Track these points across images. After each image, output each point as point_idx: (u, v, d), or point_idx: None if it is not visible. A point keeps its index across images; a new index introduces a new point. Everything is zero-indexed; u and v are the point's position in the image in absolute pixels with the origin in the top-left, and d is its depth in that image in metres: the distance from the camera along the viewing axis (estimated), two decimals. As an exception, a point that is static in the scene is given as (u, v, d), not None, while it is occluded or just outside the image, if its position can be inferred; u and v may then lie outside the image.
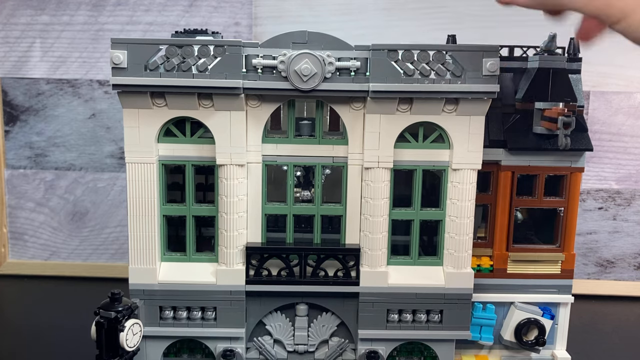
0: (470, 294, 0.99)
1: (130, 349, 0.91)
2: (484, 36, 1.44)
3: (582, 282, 1.53)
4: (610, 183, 1.52)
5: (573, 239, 1.06)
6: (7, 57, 1.49)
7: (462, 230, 0.98)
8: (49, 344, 1.21)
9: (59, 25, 1.47)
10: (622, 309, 1.49)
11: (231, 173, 0.95)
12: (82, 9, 1.46)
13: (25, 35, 1.47)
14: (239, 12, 1.47)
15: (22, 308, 1.42)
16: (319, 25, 1.45)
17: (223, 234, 0.97)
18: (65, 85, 1.49)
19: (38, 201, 1.55)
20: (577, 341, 1.12)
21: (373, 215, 0.97)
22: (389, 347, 1.01)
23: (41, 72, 1.49)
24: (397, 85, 0.90)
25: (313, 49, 0.89)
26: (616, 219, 1.54)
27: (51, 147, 1.52)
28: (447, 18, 1.46)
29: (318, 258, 0.98)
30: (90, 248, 1.58)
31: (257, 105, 0.94)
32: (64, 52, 1.48)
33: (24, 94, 1.50)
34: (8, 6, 1.46)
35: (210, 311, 0.99)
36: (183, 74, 0.88)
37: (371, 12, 1.47)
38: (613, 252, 1.55)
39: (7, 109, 1.51)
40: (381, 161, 0.95)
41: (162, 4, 1.47)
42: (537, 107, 1.01)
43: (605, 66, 1.47)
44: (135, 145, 0.93)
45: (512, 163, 1.03)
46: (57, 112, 1.50)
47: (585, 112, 1.49)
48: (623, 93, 1.49)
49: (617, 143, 1.51)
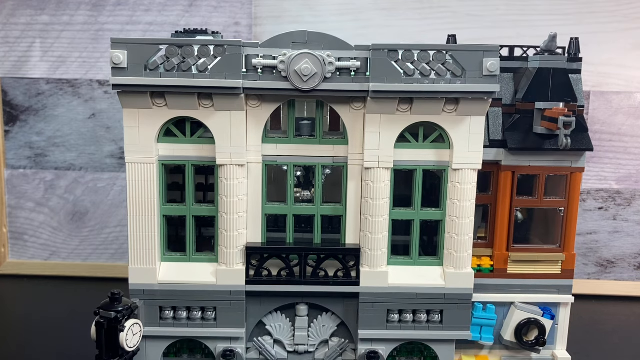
0: (470, 294, 0.99)
1: (130, 349, 0.91)
2: (484, 36, 1.45)
3: (582, 282, 1.53)
4: (610, 183, 1.52)
5: (573, 239, 1.06)
6: (7, 57, 1.49)
7: (463, 230, 0.98)
8: (49, 344, 1.21)
9: (59, 25, 1.47)
10: (622, 309, 1.49)
11: (231, 173, 0.94)
12: (82, 9, 1.46)
13: (25, 35, 1.47)
14: (239, 12, 1.47)
15: (22, 308, 1.42)
16: (319, 25, 1.45)
17: (223, 234, 0.97)
18: (65, 85, 1.49)
19: (38, 201, 1.55)
20: (577, 341, 1.12)
21: (373, 215, 0.97)
22: (389, 347, 1.01)
23: (41, 72, 1.49)
24: (397, 85, 0.90)
25: (313, 49, 0.89)
26: (616, 219, 1.54)
27: (51, 147, 1.52)
28: (447, 18, 1.47)
29: (318, 258, 0.98)
30: (90, 248, 1.58)
31: (257, 105, 0.94)
32: (64, 52, 1.48)
33: (23, 94, 1.50)
34: (8, 6, 1.46)
35: (210, 311, 0.99)
36: (183, 74, 0.88)
37: (371, 12, 1.47)
38: (613, 252, 1.55)
39: (7, 109, 1.51)
40: (381, 161, 0.95)
41: (162, 4, 1.47)
42: (537, 107, 1.01)
43: (605, 66, 1.48)
44: (135, 145, 0.93)
45: (512, 163, 1.03)
46: (57, 112, 1.50)
47: (586, 112, 1.49)
48: (623, 93, 1.49)
49: (617, 143, 1.51)
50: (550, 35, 1.02)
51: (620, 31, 1.47)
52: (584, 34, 1.45)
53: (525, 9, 1.47)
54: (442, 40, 1.12)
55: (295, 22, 1.46)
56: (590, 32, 1.46)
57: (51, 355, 1.17)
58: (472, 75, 0.90)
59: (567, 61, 1.04)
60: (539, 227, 1.12)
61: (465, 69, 0.90)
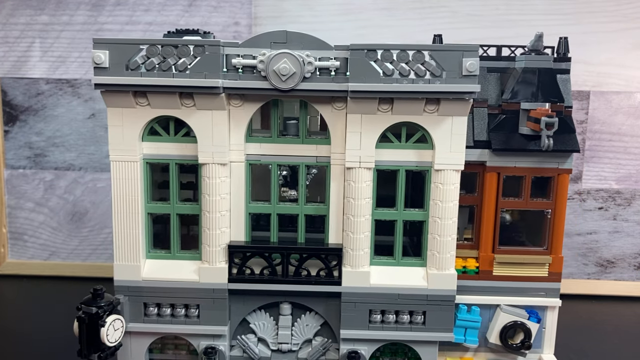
0: (453, 295, 0.98)
1: (111, 344, 0.92)
2: (484, 36, 1.44)
3: (582, 282, 1.52)
4: (610, 183, 1.50)
5: (561, 242, 1.05)
6: (6, 57, 1.51)
7: (445, 231, 0.97)
8: (48, 344, 1.22)
9: (58, 25, 1.49)
10: (622, 309, 1.47)
11: (213, 172, 0.95)
12: (81, 8, 1.48)
13: (24, 35, 1.49)
14: (238, 12, 1.48)
15: (21, 308, 1.44)
16: (318, 25, 1.46)
17: (206, 232, 0.97)
18: (65, 85, 1.51)
19: (37, 201, 1.58)
20: (577, 341, 1.11)
21: (355, 215, 0.97)
22: (372, 347, 1.01)
23: (41, 72, 1.51)
24: (376, 85, 0.90)
25: (292, 48, 0.90)
26: (616, 219, 1.52)
27: (51, 147, 1.54)
28: (447, 18, 1.46)
29: (300, 257, 0.98)
30: (90, 248, 1.60)
31: (240, 105, 0.95)
32: (64, 52, 1.50)
33: (23, 93, 1.52)
34: (7, 6, 1.49)
35: (194, 308, 1.00)
36: (163, 74, 0.89)
37: (371, 12, 1.47)
38: (613, 252, 1.53)
39: (6, 108, 1.53)
40: (363, 161, 0.95)
41: (162, 4, 1.48)
42: (523, 107, 1.01)
43: (605, 66, 1.47)
44: (119, 143, 0.95)
45: (497, 164, 1.02)
46: (57, 112, 1.52)
47: (585, 112, 1.48)
48: (623, 93, 1.48)
49: (617, 143, 1.50)
50: (536, 34, 1.01)
51: (620, 31, 1.45)
52: (584, 34, 1.44)
53: (524, 8, 1.46)
54: (441, 40, 1.12)
55: (294, 22, 1.47)
56: (590, 31, 1.45)
57: (51, 355, 1.17)
58: (451, 75, 0.90)
59: (555, 61, 1.03)
60: (527, 229, 1.11)
61: (444, 69, 0.90)
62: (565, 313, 1.13)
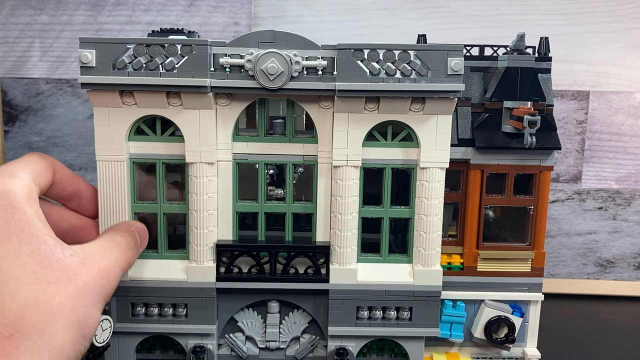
0: (439, 291, 1.00)
1: (99, 345, 0.91)
2: (483, 36, 1.44)
3: (582, 282, 1.53)
4: (610, 183, 1.52)
5: (543, 237, 1.07)
6: (6, 57, 1.49)
7: (431, 228, 0.99)
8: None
9: (58, 25, 1.47)
10: (622, 309, 1.49)
11: (201, 171, 0.96)
12: (81, 8, 1.47)
13: (24, 35, 1.47)
14: (238, 12, 1.48)
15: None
16: (318, 25, 1.46)
17: (193, 231, 0.98)
18: (65, 85, 1.50)
19: (38, 201, 1.56)
20: (576, 341, 1.12)
21: (342, 213, 0.98)
22: (359, 343, 1.02)
23: (40, 71, 1.49)
24: (363, 84, 0.91)
25: (280, 48, 0.90)
26: (616, 219, 1.54)
27: (50, 147, 1.52)
28: (447, 18, 1.47)
29: (288, 255, 0.99)
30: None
31: (227, 104, 0.96)
32: (63, 52, 1.48)
33: (23, 93, 1.50)
34: (7, 6, 1.47)
35: (182, 308, 1.00)
36: (150, 73, 0.89)
37: (371, 12, 1.47)
38: (613, 252, 1.55)
39: (6, 108, 1.51)
40: (350, 159, 0.96)
41: (162, 4, 1.47)
42: (505, 106, 1.02)
43: (605, 66, 1.48)
44: (105, 143, 0.94)
45: (481, 162, 1.04)
46: (57, 112, 1.50)
47: (585, 112, 1.49)
48: (623, 93, 1.50)
49: (617, 143, 1.51)
50: (518, 34, 1.03)
51: (620, 31, 1.46)
52: (584, 34, 1.45)
53: (524, 8, 1.46)
54: (441, 40, 1.13)
55: (294, 21, 1.47)
56: (590, 31, 1.46)
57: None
58: (436, 74, 0.91)
59: (537, 60, 1.05)
60: (510, 225, 1.13)
61: (429, 68, 0.91)
62: (565, 313, 1.14)
